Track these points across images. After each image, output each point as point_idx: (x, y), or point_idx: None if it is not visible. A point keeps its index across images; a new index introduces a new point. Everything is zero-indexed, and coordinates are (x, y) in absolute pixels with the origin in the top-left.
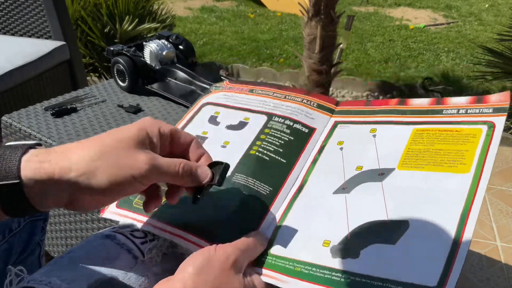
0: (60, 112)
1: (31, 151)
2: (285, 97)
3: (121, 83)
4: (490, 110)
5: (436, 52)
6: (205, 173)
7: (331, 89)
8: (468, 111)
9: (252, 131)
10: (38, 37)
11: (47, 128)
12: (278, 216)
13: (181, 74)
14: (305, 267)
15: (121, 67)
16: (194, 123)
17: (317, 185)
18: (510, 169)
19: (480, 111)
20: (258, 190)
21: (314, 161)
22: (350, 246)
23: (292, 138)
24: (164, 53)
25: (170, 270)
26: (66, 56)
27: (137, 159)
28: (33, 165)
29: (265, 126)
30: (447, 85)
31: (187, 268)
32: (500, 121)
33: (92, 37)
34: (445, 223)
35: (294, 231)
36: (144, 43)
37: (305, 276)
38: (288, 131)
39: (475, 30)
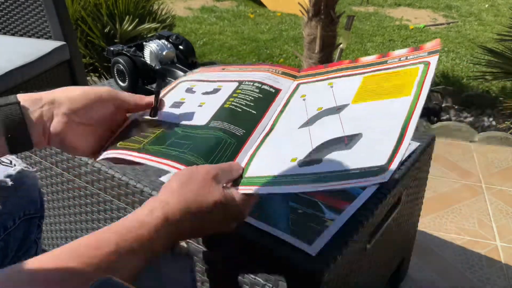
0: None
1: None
2: (253, 69)
3: (121, 83)
4: (426, 54)
5: None
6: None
7: None
8: (408, 57)
9: (225, 93)
10: (38, 37)
11: None
12: (251, 151)
13: (181, 74)
14: (274, 179)
15: (121, 67)
16: (171, 95)
17: (284, 126)
18: (510, 169)
19: (418, 56)
20: (233, 132)
21: (281, 111)
22: (314, 157)
23: (261, 95)
24: (164, 53)
25: (179, 270)
26: (66, 56)
27: (101, 88)
28: (26, 96)
29: (237, 88)
30: (447, 85)
31: (172, 183)
32: (433, 59)
33: (92, 37)
34: (392, 126)
35: (266, 157)
36: (144, 43)
37: (275, 183)
38: (257, 90)
39: (475, 30)
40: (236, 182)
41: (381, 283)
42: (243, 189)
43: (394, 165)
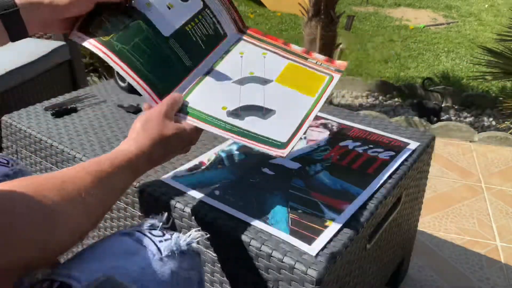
0: (60, 112)
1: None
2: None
3: (121, 83)
4: (333, 69)
5: (436, 52)
6: None
7: None
8: (322, 64)
9: (190, 11)
10: (38, 37)
11: (47, 128)
12: (192, 83)
13: None
14: (211, 118)
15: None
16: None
17: (221, 73)
18: (510, 169)
19: (327, 67)
20: (183, 60)
21: (221, 57)
22: (239, 113)
23: (213, 33)
24: None
25: (187, 268)
26: (66, 56)
27: None
28: None
29: (200, 12)
30: (447, 85)
31: (136, 124)
32: (337, 76)
33: None
34: (296, 116)
35: (203, 94)
36: None
37: (212, 123)
38: (212, 27)
39: (475, 30)
40: (182, 109)
41: (381, 283)
42: (191, 121)
43: (290, 147)
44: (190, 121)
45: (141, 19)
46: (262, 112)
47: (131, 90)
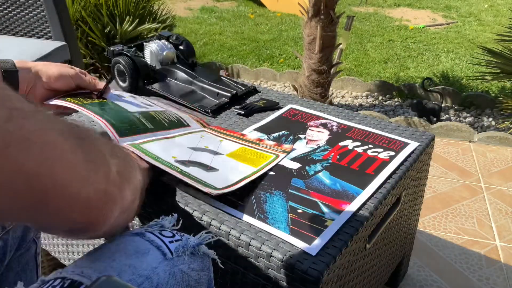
0: (60, 112)
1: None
2: (179, 110)
3: (121, 83)
4: (280, 150)
5: (435, 52)
6: (90, 78)
7: (331, 89)
8: (271, 148)
9: (154, 108)
10: (39, 37)
11: None
12: (149, 138)
13: (181, 74)
14: (158, 158)
15: (122, 67)
16: (119, 92)
17: (180, 141)
18: (510, 169)
19: (275, 150)
20: (144, 123)
21: (181, 134)
22: (185, 163)
23: (175, 121)
24: (164, 53)
25: (197, 269)
26: (66, 56)
27: (70, 71)
28: (20, 63)
29: (163, 111)
30: (447, 85)
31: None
32: (282, 155)
33: (93, 37)
34: (238, 175)
35: (157, 146)
36: (144, 43)
37: (157, 160)
38: (174, 117)
39: (474, 31)
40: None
41: (381, 283)
42: (136, 153)
43: (222, 191)
44: (136, 153)
45: (109, 102)
46: (207, 168)
47: (131, 90)
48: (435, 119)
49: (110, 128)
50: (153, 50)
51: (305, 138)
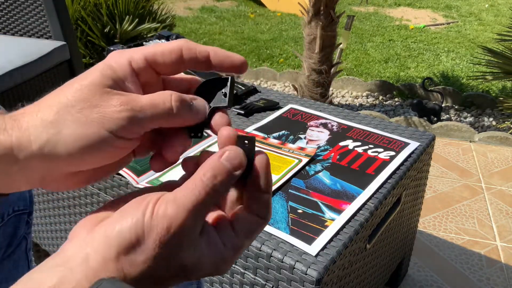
0: None
1: None
2: None
3: None
4: (303, 154)
5: (436, 52)
6: (202, 104)
7: (331, 89)
8: (294, 152)
9: None
10: (38, 37)
11: None
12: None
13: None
14: None
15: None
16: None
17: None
18: (510, 169)
19: (298, 154)
20: None
21: (206, 149)
22: None
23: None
24: None
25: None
26: (66, 56)
27: (108, 107)
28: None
29: None
30: (447, 85)
31: (106, 247)
32: (305, 159)
33: (92, 37)
34: None
35: (177, 173)
36: (144, 43)
37: None
38: None
39: (475, 30)
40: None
41: (381, 283)
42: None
43: None
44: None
45: None
46: None
47: None
48: (435, 119)
49: (126, 170)
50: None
51: (305, 138)
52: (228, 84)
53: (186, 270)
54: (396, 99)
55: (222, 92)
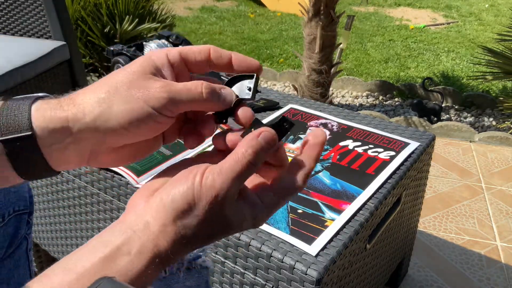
0: None
1: (40, 100)
2: None
3: None
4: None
5: (436, 52)
6: (230, 93)
7: (331, 89)
8: (294, 152)
9: None
10: (38, 37)
11: None
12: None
13: None
14: None
15: (121, 67)
16: None
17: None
18: (510, 169)
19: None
20: (163, 151)
21: (205, 149)
22: None
23: None
24: None
25: (193, 286)
26: (66, 56)
27: (151, 88)
28: (44, 113)
29: None
30: (447, 85)
31: (164, 212)
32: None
33: (92, 37)
34: None
35: None
36: (144, 43)
37: None
38: None
39: (475, 30)
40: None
41: (381, 283)
42: None
43: None
44: None
45: None
46: None
47: None
48: (435, 119)
49: (126, 170)
50: (153, 50)
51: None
52: (253, 79)
53: (231, 225)
54: (396, 99)
55: (247, 87)
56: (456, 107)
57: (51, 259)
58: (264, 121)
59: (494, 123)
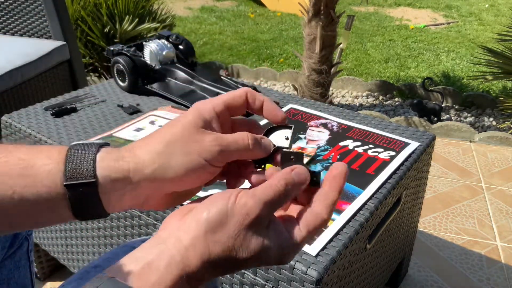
0: (60, 112)
1: (103, 149)
2: None
3: (121, 83)
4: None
5: (436, 52)
6: (269, 143)
7: (331, 89)
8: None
9: None
10: (38, 37)
11: (47, 128)
12: None
13: (181, 74)
14: None
15: (121, 67)
16: (138, 123)
17: None
18: (510, 169)
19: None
20: None
21: None
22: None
23: None
24: (164, 53)
25: (205, 285)
26: (66, 56)
27: (204, 142)
28: (108, 163)
29: None
30: (447, 85)
31: (197, 225)
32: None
33: (92, 37)
34: None
35: None
36: (144, 43)
37: None
38: None
39: (475, 30)
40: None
41: (381, 283)
42: None
43: None
44: None
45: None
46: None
47: (131, 90)
48: (435, 119)
49: None
50: (152, 50)
51: (305, 138)
52: (291, 130)
53: (258, 253)
54: (396, 99)
55: (285, 136)
56: (456, 107)
57: (51, 259)
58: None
59: (494, 123)
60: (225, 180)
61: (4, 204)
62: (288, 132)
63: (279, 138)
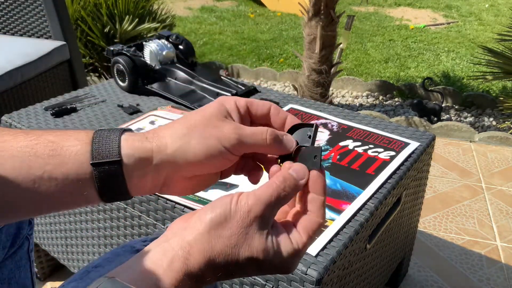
0: (60, 112)
1: (127, 132)
2: None
3: (121, 83)
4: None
5: (436, 52)
6: (291, 140)
7: (331, 89)
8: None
9: None
10: (38, 37)
11: (47, 128)
12: None
13: (181, 74)
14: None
15: (121, 67)
16: (139, 122)
17: None
18: (510, 169)
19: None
20: None
21: None
22: None
23: None
24: (164, 53)
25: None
26: (66, 56)
27: (224, 129)
28: (133, 143)
29: None
30: (447, 85)
31: (199, 223)
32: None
33: (92, 37)
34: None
35: None
36: (144, 43)
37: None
38: None
39: (475, 30)
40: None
41: (381, 283)
42: None
43: None
44: None
45: None
46: (226, 186)
47: (131, 90)
48: (435, 119)
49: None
50: (152, 50)
51: None
52: (313, 129)
53: (259, 254)
54: (396, 99)
55: (308, 134)
56: (456, 107)
57: (51, 259)
58: None
59: (494, 123)
60: (225, 180)
61: (35, 186)
62: (311, 131)
63: (302, 137)
